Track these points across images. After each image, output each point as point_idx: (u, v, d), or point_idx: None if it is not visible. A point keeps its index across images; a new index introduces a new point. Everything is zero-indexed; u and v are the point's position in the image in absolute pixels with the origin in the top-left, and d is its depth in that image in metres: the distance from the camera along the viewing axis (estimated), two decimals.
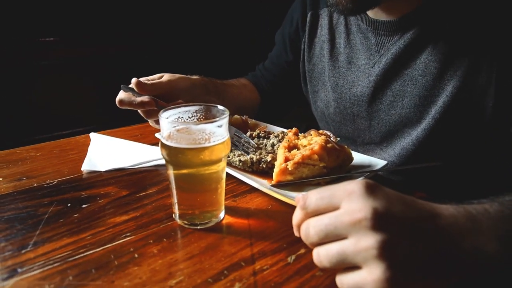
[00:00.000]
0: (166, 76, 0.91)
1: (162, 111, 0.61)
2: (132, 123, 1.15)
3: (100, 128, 1.09)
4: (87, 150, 0.92)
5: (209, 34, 2.74)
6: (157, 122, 0.87)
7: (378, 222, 0.39)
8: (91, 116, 2.07)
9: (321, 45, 1.02)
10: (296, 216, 0.47)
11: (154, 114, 0.88)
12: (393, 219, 0.40)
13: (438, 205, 0.45)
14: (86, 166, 0.83)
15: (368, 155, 0.88)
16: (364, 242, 0.39)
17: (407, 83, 0.83)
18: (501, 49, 0.71)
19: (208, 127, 0.58)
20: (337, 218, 0.42)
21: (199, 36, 2.72)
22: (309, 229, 0.44)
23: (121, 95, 0.87)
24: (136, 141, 0.97)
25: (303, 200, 0.46)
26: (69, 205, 0.69)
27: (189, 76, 0.97)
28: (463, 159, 0.85)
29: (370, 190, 0.42)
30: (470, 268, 0.42)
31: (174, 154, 0.59)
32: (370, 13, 0.88)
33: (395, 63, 0.84)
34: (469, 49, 0.75)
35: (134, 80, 0.85)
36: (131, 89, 0.86)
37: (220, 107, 0.64)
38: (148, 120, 0.93)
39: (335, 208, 0.43)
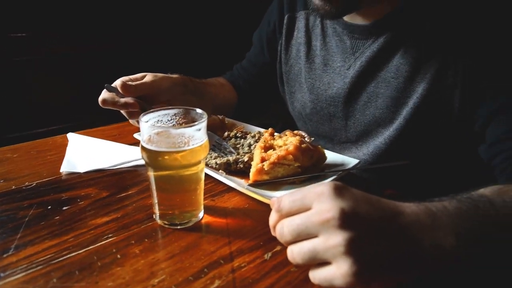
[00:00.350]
0: (149, 77, 0.92)
1: (142, 114, 0.63)
2: (109, 122, 1.15)
3: (76, 126, 1.09)
4: (65, 151, 0.92)
5: (194, 33, 2.72)
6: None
7: (345, 221, 0.43)
8: (67, 115, 2.03)
9: (298, 47, 1.05)
10: (272, 218, 0.50)
11: (136, 114, 0.89)
12: (359, 219, 0.44)
13: (402, 203, 0.49)
14: (65, 168, 0.84)
15: (344, 153, 0.93)
16: (333, 240, 0.43)
17: (381, 85, 0.87)
18: (465, 54, 0.76)
19: (187, 131, 0.60)
20: (308, 218, 0.45)
21: (183, 34, 2.70)
22: (283, 229, 0.47)
23: (105, 95, 0.88)
24: (115, 141, 0.98)
25: (278, 203, 0.49)
26: (49, 207, 0.70)
27: (170, 76, 0.98)
28: (432, 157, 0.90)
29: (338, 191, 0.45)
30: (430, 264, 0.46)
31: (154, 157, 0.61)
32: (346, 17, 0.92)
33: (369, 66, 0.88)
34: (436, 54, 0.79)
35: (118, 82, 0.86)
36: (115, 89, 0.87)
37: (198, 110, 0.66)
38: (130, 120, 0.94)
39: (307, 209, 0.46)
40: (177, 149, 0.60)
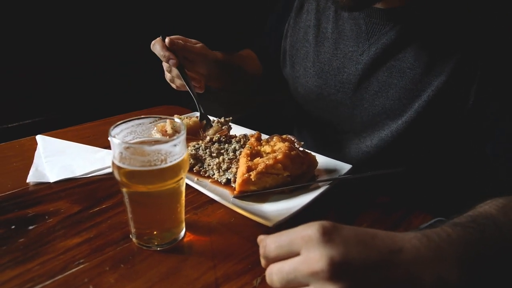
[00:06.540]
0: (201, 44, 0.97)
1: (112, 127, 0.56)
2: (76, 117, 1.06)
3: (45, 122, 0.99)
4: (33, 157, 0.84)
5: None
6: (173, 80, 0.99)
7: (335, 273, 0.38)
8: (33, 109, 1.88)
9: (306, 29, 0.99)
10: (262, 263, 0.46)
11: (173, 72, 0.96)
12: (352, 266, 0.39)
13: (401, 237, 0.44)
14: (33, 178, 0.76)
15: (346, 144, 0.91)
16: None
17: (394, 75, 0.82)
18: (486, 50, 0.72)
19: (164, 147, 0.53)
20: (296, 268, 0.41)
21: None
22: (272, 275, 0.43)
23: (158, 40, 0.92)
24: (88, 144, 0.91)
25: (263, 247, 0.45)
26: (13, 227, 0.63)
27: (217, 53, 1.01)
28: (433, 156, 0.86)
29: (327, 236, 0.41)
30: None
31: (127, 176, 0.54)
32: None
33: (384, 53, 0.83)
34: (457, 48, 0.75)
35: (168, 38, 0.91)
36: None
37: (177, 120, 0.59)
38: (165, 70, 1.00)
39: (295, 255, 0.42)
40: (153, 167, 0.53)
